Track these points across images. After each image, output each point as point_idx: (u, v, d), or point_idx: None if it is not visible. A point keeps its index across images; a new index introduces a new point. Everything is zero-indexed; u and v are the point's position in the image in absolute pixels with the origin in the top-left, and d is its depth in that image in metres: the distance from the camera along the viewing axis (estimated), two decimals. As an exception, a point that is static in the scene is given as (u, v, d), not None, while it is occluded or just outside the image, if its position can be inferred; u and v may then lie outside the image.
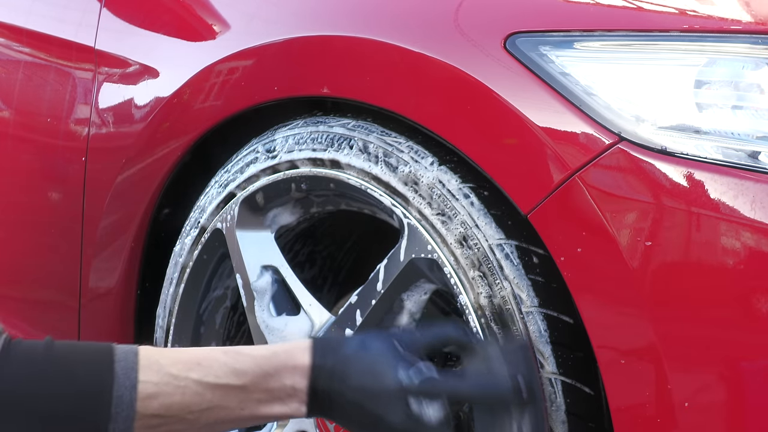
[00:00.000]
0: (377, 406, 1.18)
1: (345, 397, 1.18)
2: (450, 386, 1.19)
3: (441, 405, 1.18)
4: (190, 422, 1.16)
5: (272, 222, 1.55)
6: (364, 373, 1.19)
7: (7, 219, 1.95)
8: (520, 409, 1.20)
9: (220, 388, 1.16)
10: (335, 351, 1.21)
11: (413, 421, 1.17)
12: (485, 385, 1.20)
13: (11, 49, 1.97)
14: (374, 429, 1.19)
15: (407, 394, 1.17)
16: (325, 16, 1.49)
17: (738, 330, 1.12)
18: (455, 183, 1.32)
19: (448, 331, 1.26)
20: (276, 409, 1.19)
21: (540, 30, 1.27)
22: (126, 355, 1.15)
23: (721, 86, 1.20)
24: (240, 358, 1.19)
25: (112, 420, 1.13)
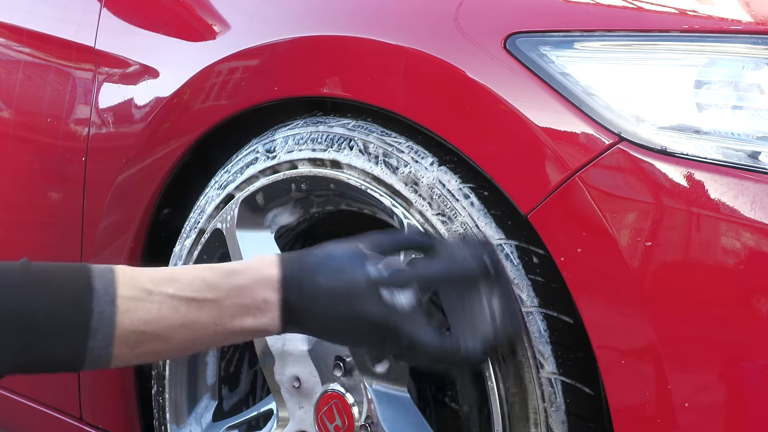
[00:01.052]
0: (351, 304, 1.18)
1: (318, 302, 1.19)
2: (418, 272, 1.21)
3: (412, 291, 1.19)
4: (165, 340, 1.16)
5: (272, 222, 1.56)
6: (333, 274, 1.20)
7: (7, 219, 1.95)
8: (488, 285, 1.21)
9: (195, 302, 1.16)
10: (302, 260, 1.21)
11: (388, 310, 1.18)
12: (452, 265, 1.22)
13: (11, 49, 1.97)
14: (350, 328, 1.20)
15: (378, 285, 1.18)
16: (326, 16, 1.49)
17: (738, 330, 1.12)
18: (455, 183, 1.32)
19: (412, 235, 1.28)
20: (249, 323, 1.19)
21: (540, 30, 1.27)
22: (103, 271, 1.15)
23: (721, 86, 1.20)
24: (212, 272, 1.19)
25: (91, 336, 1.12)
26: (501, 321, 1.21)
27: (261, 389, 1.74)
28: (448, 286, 1.23)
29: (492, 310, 1.21)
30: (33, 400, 1.94)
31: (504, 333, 1.21)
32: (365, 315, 1.19)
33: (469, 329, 1.20)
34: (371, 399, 1.42)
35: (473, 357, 1.20)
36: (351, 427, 1.45)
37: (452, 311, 1.22)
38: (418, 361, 1.24)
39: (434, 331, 1.20)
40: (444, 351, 1.20)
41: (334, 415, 1.47)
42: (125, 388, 1.76)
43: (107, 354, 1.14)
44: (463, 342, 1.20)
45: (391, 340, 1.19)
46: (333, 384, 1.47)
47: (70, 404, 1.84)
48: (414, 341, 1.19)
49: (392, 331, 1.19)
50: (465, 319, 1.21)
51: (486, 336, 1.20)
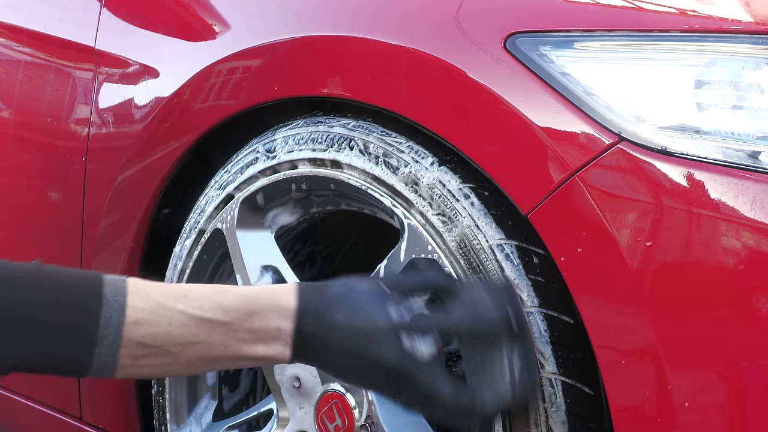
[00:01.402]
0: (368, 345, 1.15)
1: (333, 338, 1.15)
2: (441, 320, 1.18)
3: (433, 339, 1.16)
4: (173, 356, 1.14)
5: (272, 222, 1.56)
6: (353, 311, 1.16)
7: (7, 219, 1.95)
8: (510, 341, 1.18)
9: (206, 322, 1.14)
10: (320, 292, 1.18)
11: (406, 357, 1.15)
12: (475, 317, 1.18)
13: (11, 49, 1.97)
14: (365, 370, 1.17)
15: (399, 330, 1.15)
16: (326, 15, 1.49)
17: (738, 330, 1.12)
18: (455, 183, 1.32)
19: (432, 275, 1.25)
20: (259, 351, 1.16)
21: (540, 30, 1.27)
22: (114, 281, 1.14)
23: (721, 86, 1.20)
24: (226, 294, 1.17)
25: (98, 344, 1.11)
26: (519, 381, 1.18)
27: (261, 389, 1.74)
28: (469, 338, 1.20)
29: (512, 368, 1.18)
30: (33, 400, 1.94)
31: (521, 393, 1.19)
32: (383, 359, 1.15)
33: (486, 385, 1.17)
34: (371, 399, 1.42)
35: (488, 414, 1.18)
36: (351, 427, 1.45)
37: (471, 364, 1.19)
38: (431, 412, 1.21)
39: (451, 384, 1.17)
40: (459, 405, 1.16)
41: (334, 415, 1.47)
42: (125, 388, 1.76)
43: (113, 362, 1.13)
44: (480, 398, 1.17)
45: (406, 389, 1.16)
46: (333, 384, 1.47)
47: (70, 404, 1.84)
48: (430, 392, 1.16)
49: (409, 379, 1.15)
50: (483, 374, 1.17)
51: (503, 395, 1.17)
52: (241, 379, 1.71)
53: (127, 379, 1.15)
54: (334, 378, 1.31)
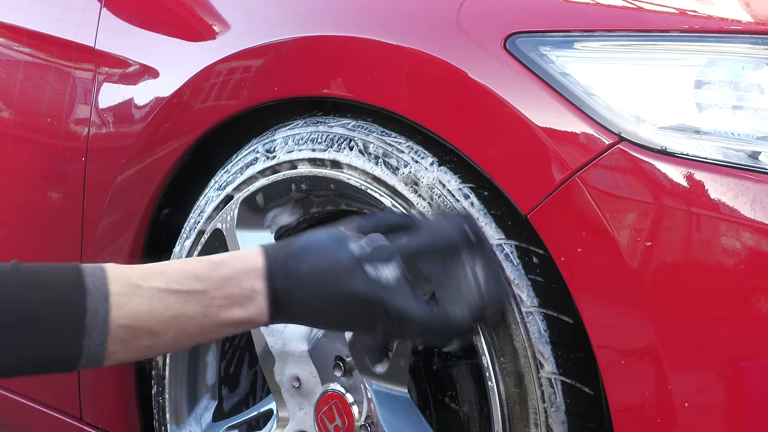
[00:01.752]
0: (336, 283, 1.19)
1: (303, 286, 1.19)
2: (401, 245, 1.21)
3: (396, 264, 1.19)
4: (158, 335, 1.16)
5: (272, 222, 1.56)
6: (317, 257, 1.20)
7: (7, 219, 1.95)
8: (471, 254, 1.21)
9: (183, 294, 1.17)
10: (286, 248, 1.22)
11: (373, 285, 1.18)
12: (432, 235, 1.22)
13: (11, 49, 1.97)
14: (339, 309, 1.20)
15: (362, 262, 1.19)
16: (326, 16, 1.49)
17: (738, 330, 1.12)
18: (455, 183, 1.32)
19: (390, 214, 1.29)
20: (238, 314, 1.19)
21: (540, 30, 1.27)
22: (93, 270, 1.16)
23: (721, 86, 1.20)
24: (198, 264, 1.20)
25: (86, 334, 1.13)
26: (486, 287, 1.21)
27: (261, 389, 1.74)
28: (431, 257, 1.22)
29: (476, 277, 1.21)
30: (33, 400, 1.94)
31: (491, 298, 1.21)
32: (352, 292, 1.18)
33: (455, 297, 1.20)
34: (371, 399, 1.42)
35: (462, 324, 1.20)
36: (351, 427, 1.45)
37: (437, 282, 1.22)
38: (408, 335, 1.23)
39: (421, 301, 1.20)
40: (432, 319, 1.19)
41: (334, 415, 1.47)
42: (125, 388, 1.76)
43: (102, 351, 1.15)
44: (451, 309, 1.20)
45: (380, 316, 1.19)
46: (333, 384, 1.47)
47: (70, 404, 1.84)
48: (402, 313, 1.19)
49: (380, 304, 1.19)
50: (450, 288, 1.21)
51: (473, 302, 1.20)
52: (240, 379, 1.71)
53: (115, 364, 1.15)
54: (314, 327, 1.32)
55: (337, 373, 1.46)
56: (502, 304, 1.23)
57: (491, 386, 1.28)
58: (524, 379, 1.26)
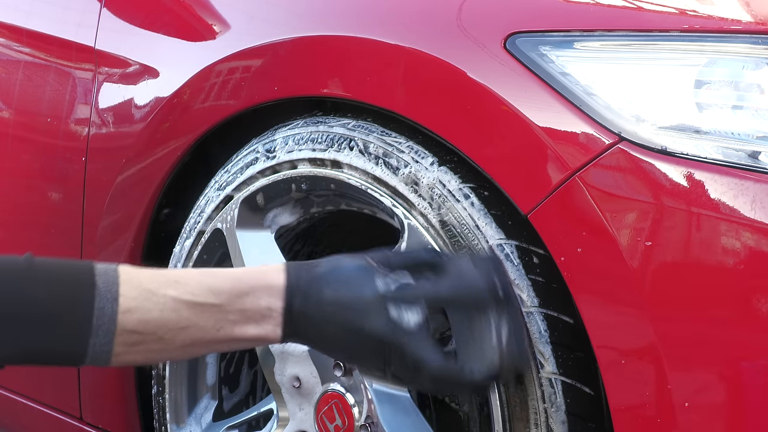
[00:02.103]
0: (356, 316, 1.16)
1: (322, 313, 1.17)
2: (427, 289, 1.19)
3: (420, 308, 1.17)
4: (166, 342, 1.15)
5: (272, 222, 1.55)
6: (340, 285, 1.18)
7: (7, 219, 1.95)
8: (497, 309, 1.19)
9: (197, 306, 1.15)
10: (308, 270, 1.20)
11: (393, 326, 1.16)
12: (462, 285, 1.19)
13: (11, 49, 1.97)
14: (354, 342, 1.17)
15: (385, 300, 1.16)
16: (326, 15, 1.49)
17: (738, 330, 1.12)
18: (455, 183, 1.32)
19: (419, 251, 1.26)
20: (251, 331, 1.17)
21: (540, 30, 1.27)
22: (106, 270, 1.15)
23: (721, 86, 1.20)
24: (216, 277, 1.19)
25: (93, 333, 1.12)
26: (508, 347, 1.18)
27: (261, 389, 1.73)
28: (456, 306, 1.20)
29: (500, 336, 1.18)
30: (33, 400, 1.94)
31: (511, 360, 1.18)
32: (371, 330, 1.16)
33: (475, 353, 1.17)
34: (371, 399, 1.42)
35: (478, 382, 1.18)
36: (351, 427, 1.45)
37: (459, 333, 1.19)
38: (420, 383, 1.21)
39: (440, 352, 1.17)
40: (448, 373, 1.17)
41: (334, 415, 1.47)
42: (125, 388, 1.76)
43: (108, 351, 1.14)
44: (469, 366, 1.17)
45: (395, 359, 1.17)
46: (333, 384, 1.47)
47: (70, 404, 1.84)
48: (419, 361, 1.16)
49: (397, 348, 1.16)
50: (472, 342, 1.18)
51: (492, 362, 1.17)
52: (241, 379, 1.71)
53: (122, 366, 1.15)
54: (325, 354, 1.31)
55: (337, 373, 1.46)
56: (522, 367, 1.21)
57: (491, 386, 1.28)
58: (524, 379, 1.26)
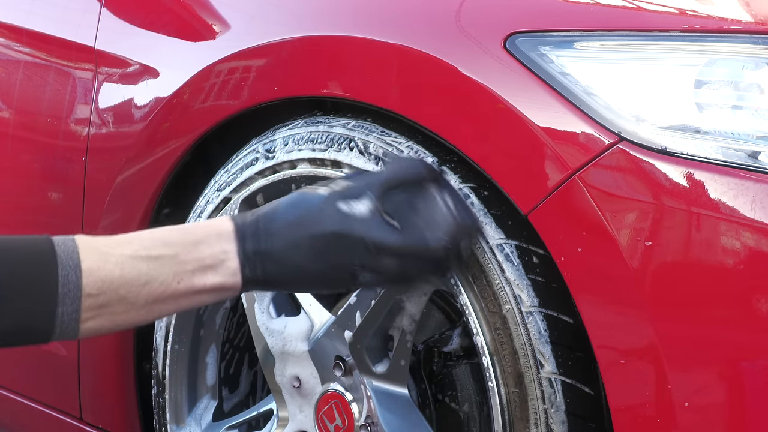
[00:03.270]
0: (310, 225, 1.20)
1: (276, 239, 1.20)
2: (370, 179, 1.25)
3: (368, 198, 1.22)
4: (130, 301, 1.17)
5: (272, 222, 1.55)
6: (287, 209, 1.22)
7: (7, 219, 1.95)
8: (437, 184, 1.26)
9: (153, 259, 1.18)
10: (253, 212, 1.24)
11: (346, 218, 1.20)
12: (399, 167, 1.27)
13: (11, 49, 1.97)
14: (315, 254, 1.20)
15: (333, 200, 1.21)
16: (325, 16, 1.49)
17: (738, 330, 1.12)
18: (455, 183, 1.32)
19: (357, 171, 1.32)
20: (210, 279, 1.20)
21: (540, 30, 1.27)
22: (64, 240, 1.18)
23: (721, 86, 1.20)
24: (167, 231, 1.22)
25: (60, 302, 1.14)
26: (457, 212, 1.24)
27: (261, 390, 1.74)
28: (401, 189, 1.25)
29: (446, 203, 1.24)
30: (33, 400, 1.94)
31: (463, 222, 1.24)
32: (327, 229, 1.20)
33: (429, 224, 1.22)
34: (371, 399, 1.42)
35: (439, 247, 1.21)
36: (351, 427, 1.45)
37: (411, 212, 1.24)
38: (388, 267, 1.23)
39: (396, 230, 1.21)
40: (410, 244, 1.20)
41: (334, 415, 1.47)
42: (125, 388, 1.76)
43: (76, 320, 1.16)
44: (426, 235, 1.21)
45: (357, 251, 1.20)
46: (333, 384, 1.47)
47: (70, 404, 1.84)
48: (379, 242, 1.20)
49: (356, 239, 1.20)
50: (425, 215, 1.23)
51: (447, 226, 1.22)
52: (241, 380, 1.71)
53: (89, 336, 1.17)
54: (293, 290, 1.33)
55: (338, 373, 1.46)
56: (475, 229, 1.25)
57: (491, 386, 1.28)
58: (524, 379, 1.26)
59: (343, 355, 1.45)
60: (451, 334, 1.46)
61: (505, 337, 1.27)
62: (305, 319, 1.50)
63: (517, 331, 1.26)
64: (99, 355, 1.78)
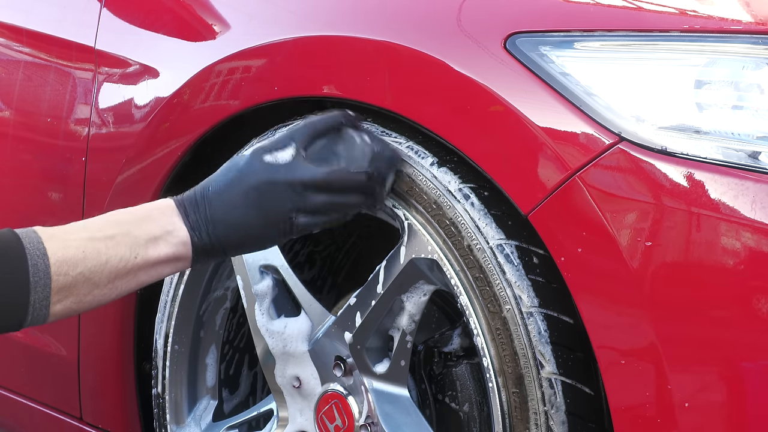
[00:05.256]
0: (242, 183, 1.30)
1: (214, 205, 1.30)
2: (292, 129, 1.36)
3: (291, 146, 1.32)
4: (95, 281, 1.25)
5: (272, 222, 1.55)
6: (219, 177, 1.33)
7: (7, 219, 1.95)
8: (354, 127, 1.36)
9: (109, 238, 1.27)
10: (192, 188, 1.34)
11: (270, 167, 1.31)
12: (321, 117, 1.37)
13: (11, 49, 1.97)
14: (253, 207, 1.30)
15: (258, 154, 1.32)
16: (325, 16, 1.49)
17: (738, 330, 1.12)
18: (455, 184, 1.32)
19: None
20: (163, 250, 1.29)
21: (540, 30, 1.27)
22: (26, 232, 1.24)
23: (721, 86, 1.20)
24: (115, 213, 1.32)
25: (32, 290, 1.21)
26: (374, 144, 1.34)
27: (261, 390, 1.74)
28: (322, 134, 1.35)
29: (363, 138, 1.35)
30: (33, 400, 1.94)
31: (381, 153, 1.33)
32: (255, 182, 1.30)
33: (352, 156, 1.33)
34: (371, 399, 1.42)
35: (359, 173, 1.32)
36: (351, 427, 1.45)
37: (330, 153, 1.35)
38: (318, 201, 1.32)
39: (318, 168, 1.31)
40: (334, 175, 1.31)
41: (334, 415, 1.47)
42: (125, 388, 1.76)
43: (46, 306, 1.22)
44: (349, 165, 1.33)
45: (288, 196, 1.30)
46: (333, 384, 1.47)
47: (70, 404, 1.84)
48: (303, 181, 1.30)
49: (283, 183, 1.30)
50: (346, 151, 1.34)
51: (365, 156, 1.33)
52: (241, 381, 1.71)
53: (57, 319, 1.27)
54: (244, 250, 1.40)
55: (338, 373, 1.46)
56: (396, 159, 1.34)
57: (492, 387, 1.28)
58: (524, 379, 1.26)
59: (343, 355, 1.45)
60: (451, 334, 1.46)
61: (506, 338, 1.27)
62: (305, 319, 1.51)
63: (518, 332, 1.26)
64: (99, 355, 1.78)
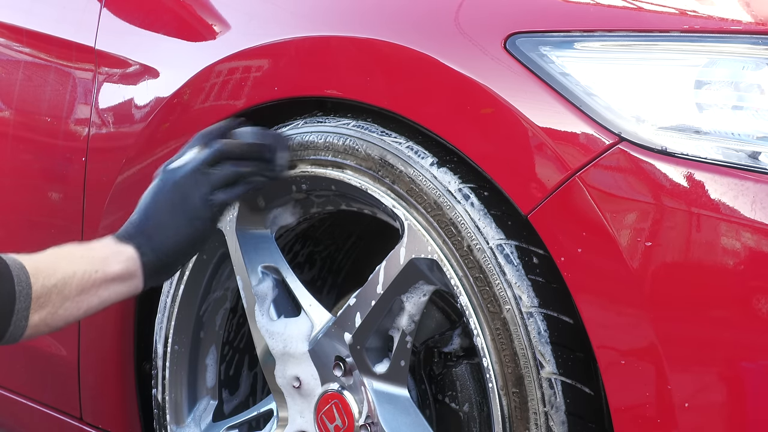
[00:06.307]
0: (159, 190, 1.43)
1: (148, 221, 1.41)
2: (211, 129, 1.46)
3: (191, 151, 1.45)
4: (65, 295, 1.34)
5: (272, 222, 1.56)
6: (144, 199, 1.44)
7: (7, 219, 1.95)
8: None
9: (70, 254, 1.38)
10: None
11: (178, 167, 1.43)
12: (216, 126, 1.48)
13: (11, 49, 1.97)
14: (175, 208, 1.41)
15: (166, 165, 1.44)
16: (325, 16, 1.49)
17: (738, 330, 1.12)
18: (455, 184, 1.32)
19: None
20: (117, 266, 1.38)
21: (540, 30, 1.27)
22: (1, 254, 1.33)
23: (721, 86, 1.20)
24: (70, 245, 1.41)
25: (17, 299, 1.28)
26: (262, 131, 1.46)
27: (261, 391, 1.73)
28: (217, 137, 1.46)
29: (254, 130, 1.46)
30: (33, 400, 1.94)
31: (268, 133, 1.46)
32: (173, 182, 1.42)
33: (241, 135, 1.45)
34: (371, 399, 1.42)
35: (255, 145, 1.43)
36: (351, 427, 1.45)
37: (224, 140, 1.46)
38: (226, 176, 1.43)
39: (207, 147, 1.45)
40: (227, 144, 1.43)
41: (334, 415, 1.47)
42: (125, 388, 1.76)
43: (26, 316, 1.29)
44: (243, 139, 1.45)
45: (199, 179, 1.41)
46: (333, 384, 1.47)
47: (70, 404, 1.84)
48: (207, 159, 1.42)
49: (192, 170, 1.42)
50: (236, 136, 1.46)
51: (254, 131, 1.44)
52: (241, 381, 1.71)
53: (32, 336, 1.34)
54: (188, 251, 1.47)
55: (338, 374, 1.46)
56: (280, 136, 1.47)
57: (491, 387, 1.28)
58: (524, 379, 1.26)
59: (343, 355, 1.45)
60: (451, 335, 1.46)
61: (506, 338, 1.27)
62: (305, 320, 1.50)
63: (518, 332, 1.26)
64: (99, 356, 1.78)
